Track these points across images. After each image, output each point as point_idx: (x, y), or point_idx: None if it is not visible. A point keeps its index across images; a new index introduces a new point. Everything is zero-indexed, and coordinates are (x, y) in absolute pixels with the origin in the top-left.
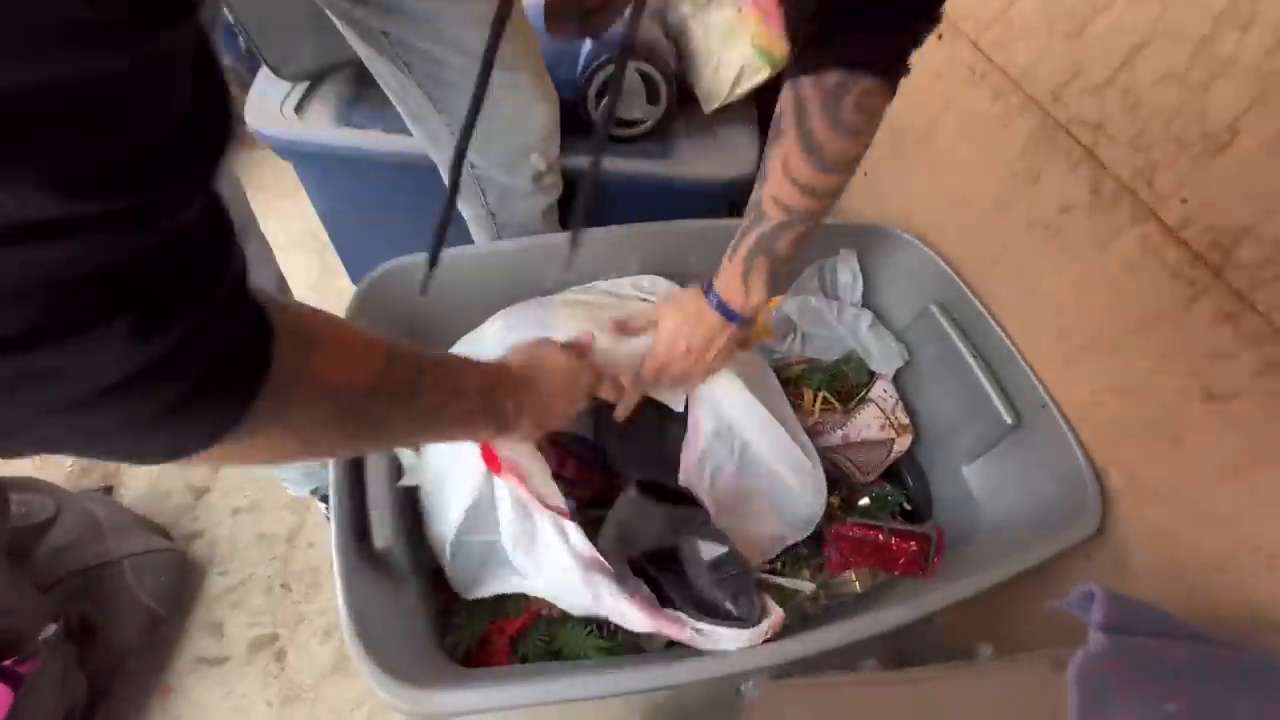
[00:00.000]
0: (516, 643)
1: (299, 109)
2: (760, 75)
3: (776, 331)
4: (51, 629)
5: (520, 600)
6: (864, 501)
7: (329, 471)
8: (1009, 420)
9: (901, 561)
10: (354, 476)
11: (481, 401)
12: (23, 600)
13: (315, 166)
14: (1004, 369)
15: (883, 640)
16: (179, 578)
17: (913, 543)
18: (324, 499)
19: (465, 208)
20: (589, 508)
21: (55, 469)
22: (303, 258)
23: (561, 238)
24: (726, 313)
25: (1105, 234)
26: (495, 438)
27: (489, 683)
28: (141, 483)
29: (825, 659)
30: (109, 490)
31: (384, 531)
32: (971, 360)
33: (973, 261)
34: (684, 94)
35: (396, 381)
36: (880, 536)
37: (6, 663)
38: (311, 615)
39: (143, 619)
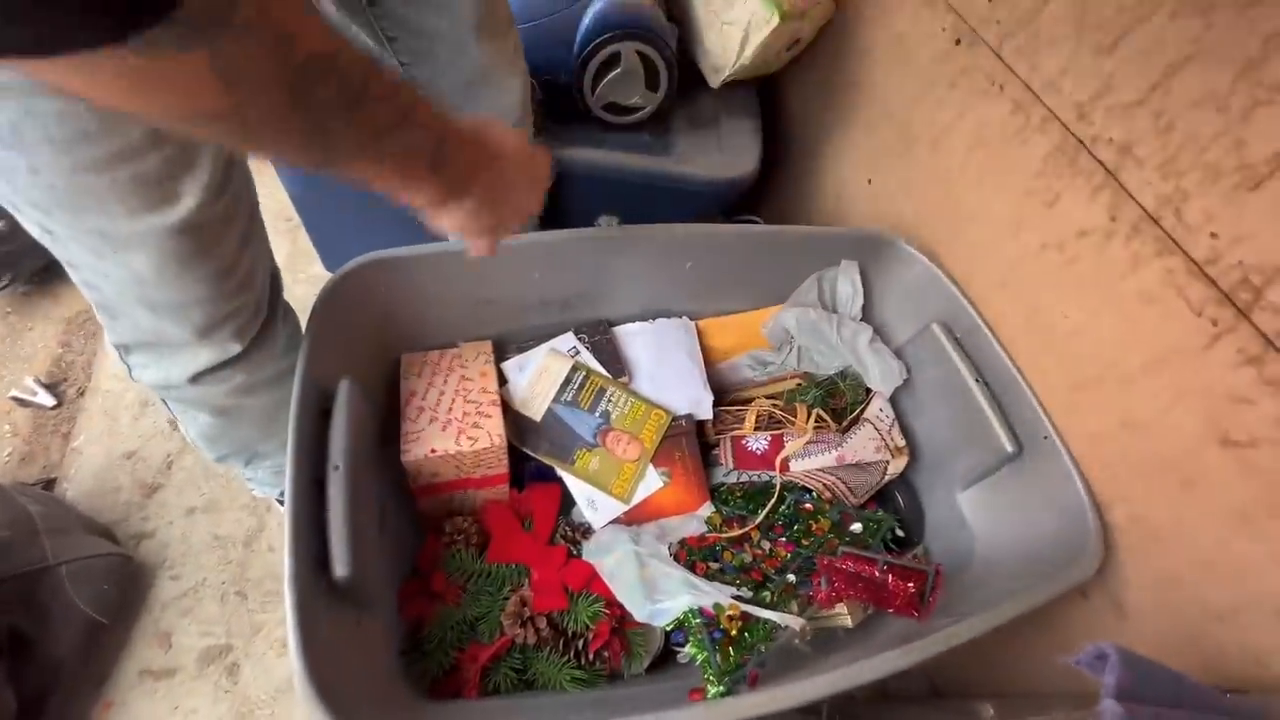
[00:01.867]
0: (489, 672)
1: None
2: (769, 25)
3: (773, 341)
4: None
5: (493, 625)
6: (856, 527)
7: (287, 490)
8: (1009, 449)
9: (898, 602)
10: (314, 498)
11: (432, 142)
12: None
13: None
14: (1007, 395)
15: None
16: (124, 584)
17: (911, 583)
18: None
19: None
20: None
21: None
22: (272, 239)
23: (548, 237)
24: None
25: (1124, 264)
26: (441, 201)
27: None
28: (87, 478)
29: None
30: (49, 485)
31: (344, 559)
32: (973, 383)
33: (979, 280)
34: (688, 80)
35: (343, 65)
36: (877, 573)
37: None
38: (269, 625)
39: (81, 629)
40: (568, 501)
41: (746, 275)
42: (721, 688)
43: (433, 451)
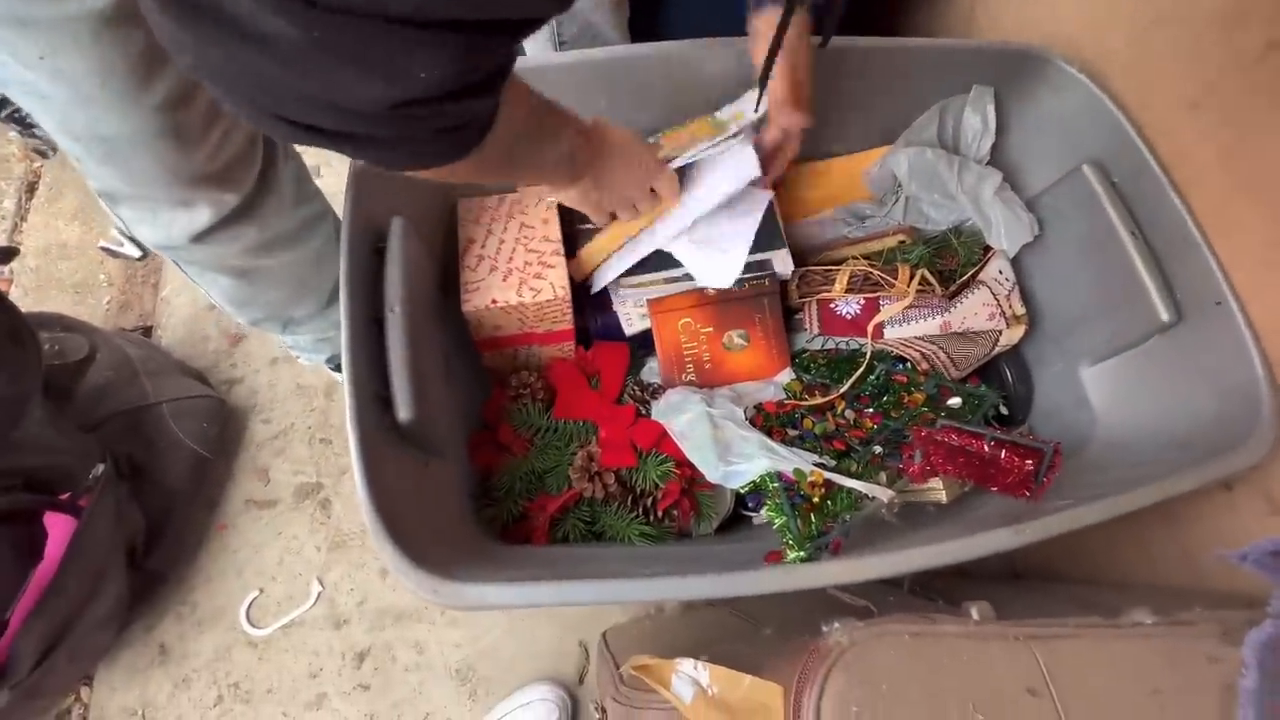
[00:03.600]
0: (558, 522)
1: None
2: None
3: (876, 191)
4: (100, 468)
5: (561, 479)
6: (954, 402)
7: (341, 337)
8: (1165, 317)
9: (1009, 480)
10: (373, 340)
11: (569, 148)
12: (70, 440)
13: None
14: (1173, 252)
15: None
16: (221, 423)
17: (1029, 460)
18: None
19: None
20: None
21: (91, 308)
22: None
23: (617, 52)
24: None
25: None
26: (563, 185)
27: (522, 581)
28: (178, 326)
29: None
30: (147, 331)
31: (408, 402)
32: (1127, 238)
33: (1160, 104)
34: None
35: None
36: (986, 448)
37: (63, 497)
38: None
39: (188, 461)
40: (636, 362)
41: (850, 106)
42: (802, 552)
43: (494, 302)
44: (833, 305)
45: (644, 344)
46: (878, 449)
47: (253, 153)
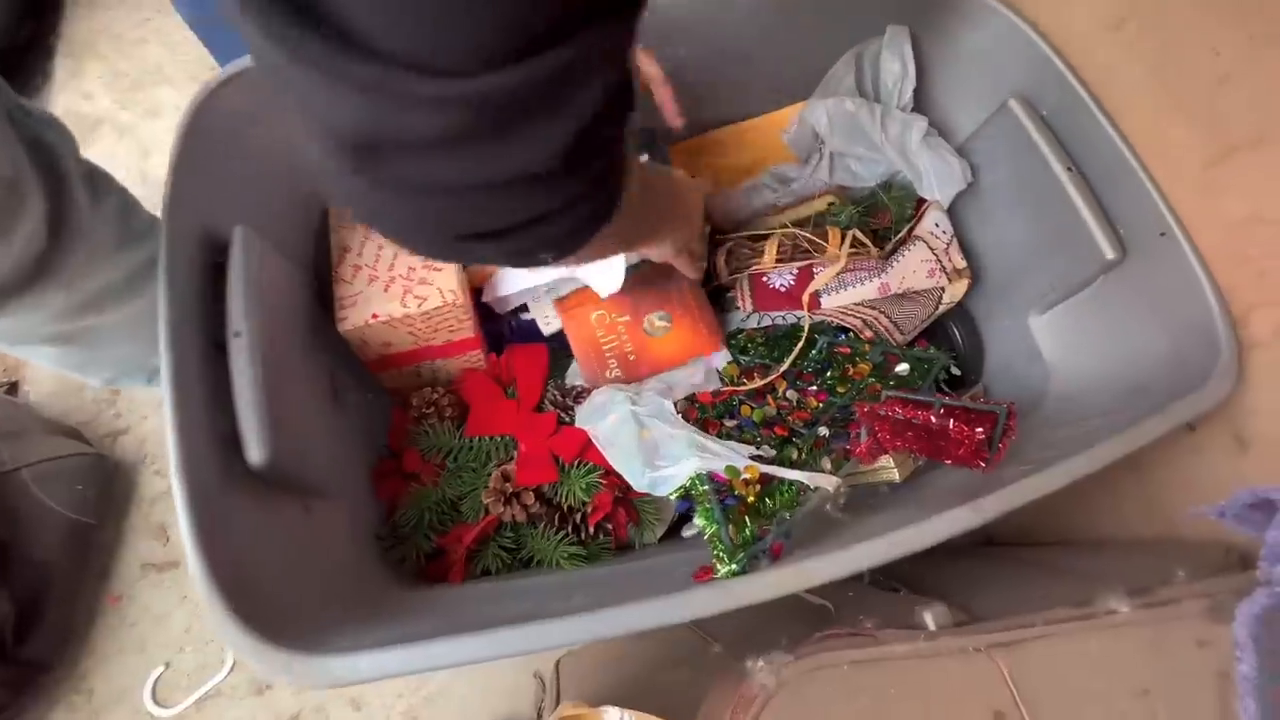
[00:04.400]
0: (477, 554)
1: None
2: None
3: (798, 151)
4: None
5: (477, 504)
6: (902, 368)
7: (163, 361)
8: (1109, 254)
9: (962, 452)
10: (215, 371)
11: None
12: None
13: None
14: (1111, 184)
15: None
16: (102, 482)
17: (979, 428)
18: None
19: None
20: None
21: None
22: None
23: None
24: None
25: None
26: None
27: (396, 644)
28: (48, 379)
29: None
30: (11, 389)
31: (260, 441)
32: (1063, 174)
33: (1082, 25)
34: None
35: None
36: (934, 419)
37: None
38: None
39: (62, 530)
40: (560, 364)
41: (760, 59)
42: (734, 565)
43: (374, 317)
44: (765, 279)
45: (566, 343)
46: (823, 430)
47: (11, 203)
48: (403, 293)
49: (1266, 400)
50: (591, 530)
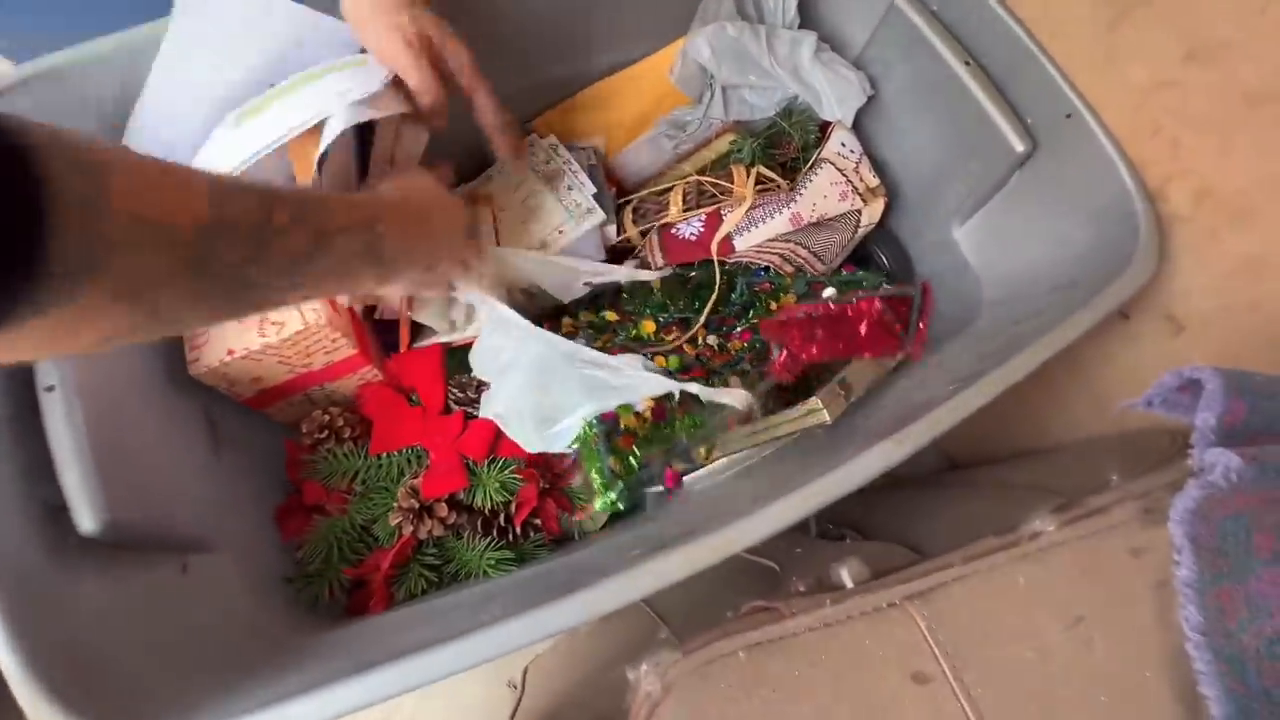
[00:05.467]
0: (399, 578)
1: None
2: None
3: (689, 91)
4: None
5: (389, 526)
6: (829, 293)
7: None
8: (1019, 147)
9: (869, 336)
10: (20, 425)
11: (361, 242)
12: None
13: None
14: (1012, 73)
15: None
16: None
17: (877, 302)
18: None
19: None
20: None
21: None
22: None
23: None
24: None
25: None
26: (377, 287)
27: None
28: None
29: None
30: None
31: (93, 505)
32: (961, 69)
33: None
34: None
35: (235, 217)
36: (832, 306)
37: None
38: None
39: None
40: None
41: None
42: (611, 494)
43: (230, 354)
44: (674, 231)
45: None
46: (747, 367)
47: None
48: (259, 320)
49: (1194, 277)
50: (519, 530)
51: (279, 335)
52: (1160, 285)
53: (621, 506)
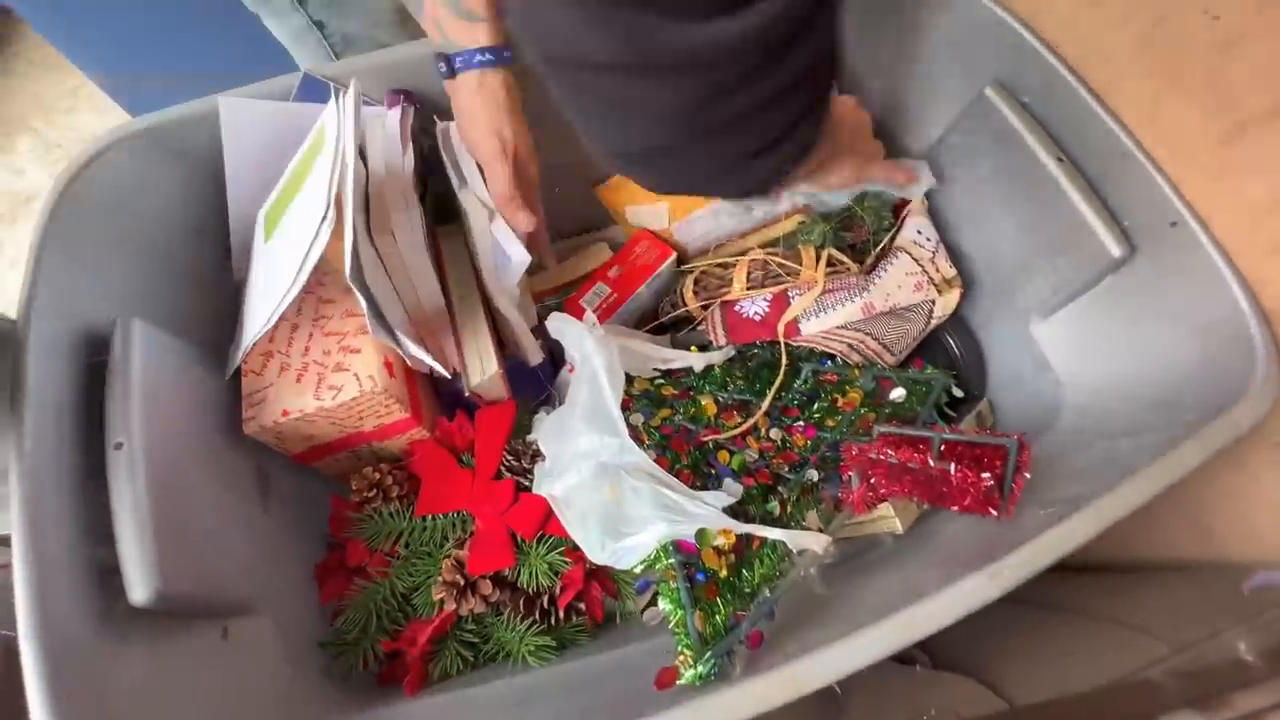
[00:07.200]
0: (436, 654)
1: None
2: None
3: None
4: None
5: (430, 596)
6: (897, 394)
7: (12, 498)
8: (1115, 251)
9: (968, 501)
10: (81, 485)
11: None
12: None
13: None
14: (1109, 172)
15: None
16: None
17: (986, 475)
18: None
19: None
20: None
21: None
22: None
23: None
24: None
25: None
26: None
27: None
28: None
29: None
30: None
31: (148, 573)
32: (1053, 164)
33: (1057, 3)
34: None
35: None
36: (932, 465)
37: None
38: None
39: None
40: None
41: None
42: (701, 669)
43: (284, 414)
44: (737, 308)
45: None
46: (813, 473)
47: None
48: (316, 383)
49: None
50: (562, 614)
51: (335, 400)
52: (1273, 411)
53: (707, 675)
